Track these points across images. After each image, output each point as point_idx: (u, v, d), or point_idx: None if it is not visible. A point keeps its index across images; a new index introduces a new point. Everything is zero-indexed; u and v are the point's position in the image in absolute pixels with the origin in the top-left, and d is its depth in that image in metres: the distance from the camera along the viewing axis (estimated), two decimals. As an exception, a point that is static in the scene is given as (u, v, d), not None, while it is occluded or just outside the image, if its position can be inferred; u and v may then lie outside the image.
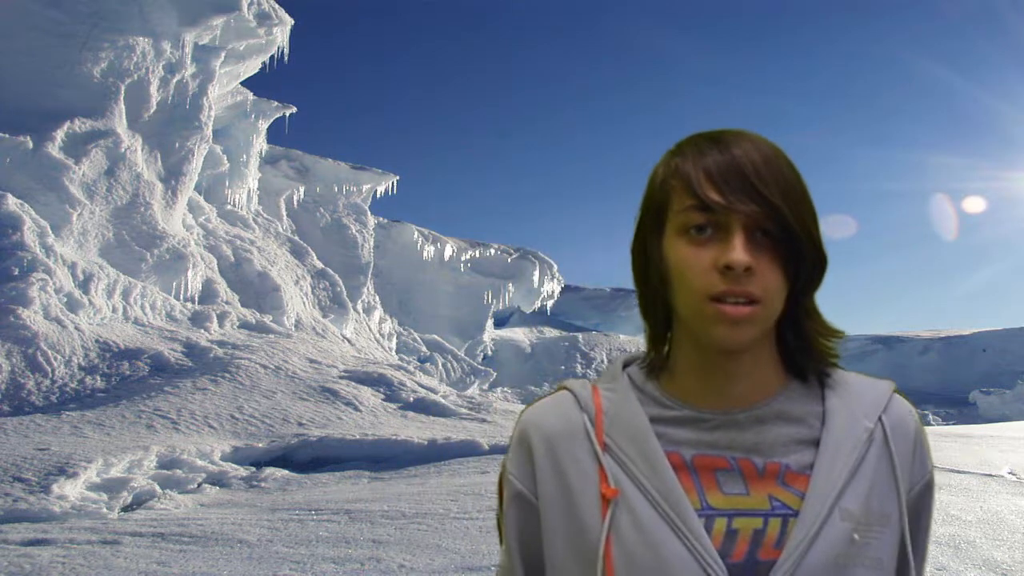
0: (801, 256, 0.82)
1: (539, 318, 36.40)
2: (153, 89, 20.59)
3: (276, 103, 27.32)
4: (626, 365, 0.93)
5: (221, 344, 16.87)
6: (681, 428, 0.86)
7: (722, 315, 0.79)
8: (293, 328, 21.70)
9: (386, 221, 35.41)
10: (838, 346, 0.91)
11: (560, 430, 0.89)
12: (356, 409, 14.66)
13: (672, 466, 0.84)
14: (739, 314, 0.79)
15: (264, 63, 24.96)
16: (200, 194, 24.06)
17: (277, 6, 23.86)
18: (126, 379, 14.38)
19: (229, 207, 25.70)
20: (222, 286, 21.01)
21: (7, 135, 17.36)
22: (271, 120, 27.42)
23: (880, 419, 0.87)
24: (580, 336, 30.50)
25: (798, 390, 0.89)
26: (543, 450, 0.89)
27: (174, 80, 21.17)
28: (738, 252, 0.78)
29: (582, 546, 0.84)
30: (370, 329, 28.44)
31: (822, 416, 0.86)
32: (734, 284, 0.79)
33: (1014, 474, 10.76)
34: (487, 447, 11.48)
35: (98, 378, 14.20)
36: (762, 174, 0.81)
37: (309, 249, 27.34)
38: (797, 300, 0.85)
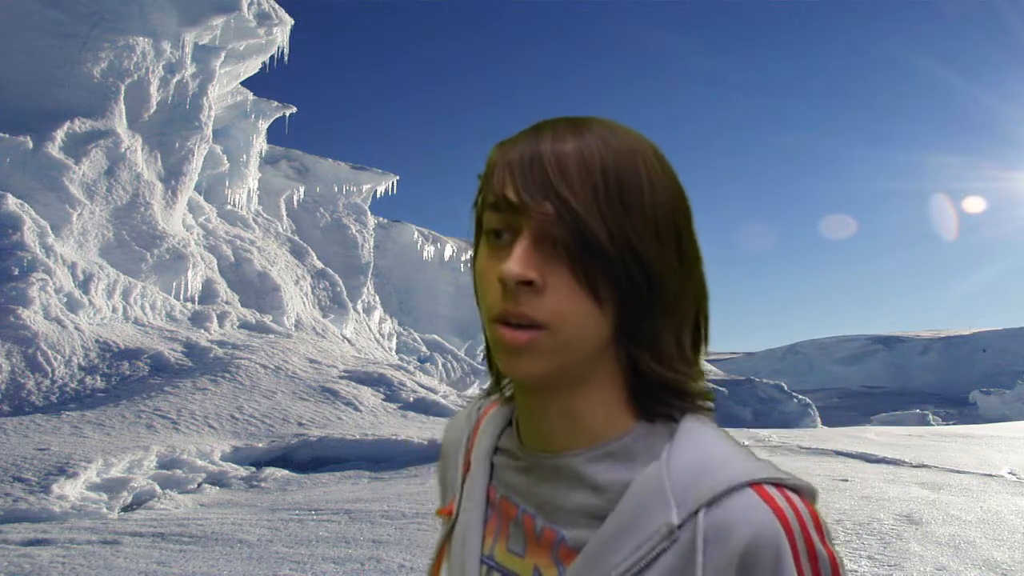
0: (619, 276, 0.64)
1: (539, 318, 36.36)
2: (153, 89, 20.58)
3: (276, 103, 27.33)
4: None
5: (221, 344, 16.86)
6: (506, 462, 0.75)
7: (501, 340, 0.65)
8: (293, 328, 21.70)
9: (386, 221, 35.41)
10: (701, 385, 0.72)
11: (450, 442, 0.85)
12: (356, 409, 14.65)
13: (489, 502, 0.75)
14: (515, 341, 0.64)
15: (264, 63, 24.96)
16: (200, 194, 24.06)
17: (277, 6, 23.86)
18: (126, 379, 14.37)
19: (229, 207, 25.70)
20: (222, 286, 21.01)
21: (7, 135, 17.36)
22: (271, 120, 27.42)
23: (697, 516, 0.62)
24: (580, 336, 30.46)
25: (636, 443, 0.68)
26: (440, 459, 0.87)
27: (174, 80, 21.16)
28: (511, 262, 0.63)
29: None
30: (370, 329, 28.43)
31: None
32: (509, 303, 0.63)
33: (1014, 474, 10.76)
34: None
35: (98, 378, 14.19)
36: (567, 169, 0.63)
37: (309, 249, 27.33)
38: (627, 329, 0.67)
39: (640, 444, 0.67)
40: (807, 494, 0.64)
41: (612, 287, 0.64)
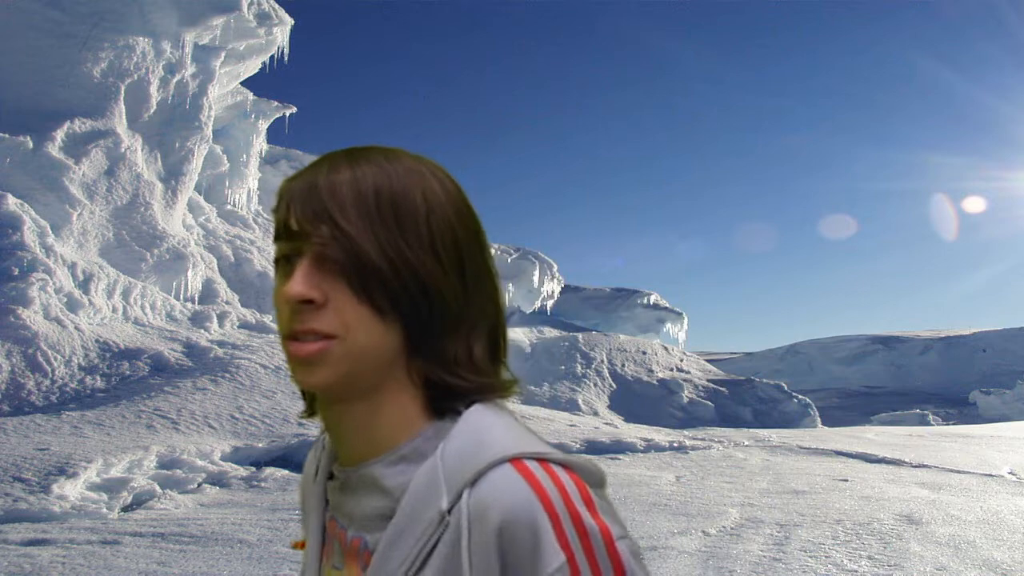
0: (397, 291, 0.68)
1: (539, 318, 36.39)
2: (153, 89, 20.58)
3: (276, 103, 27.33)
4: None
5: (221, 344, 16.86)
6: (332, 484, 0.78)
7: (291, 356, 0.69)
8: (293, 328, 21.67)
9: (386, 221, 35.31)
10: (495, 383, 0.73)
11: (305, 475, 0.86)
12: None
13: (324, 527, 0.79)
14: (306, 352, 0.67)
15: (264, 63, 24.95)
16: (200, 194, 24.06)
17: (277, 6, 23.85)
18: (126, 379, 14.37)
19: (229, 207, 25.70)
20: (222, 286, 21.01)
21: (7, 135, 17.35)
22: (271, 120, 27.42)
23: (461, 497, 0.63)
24: (580, 336, 30.45)
25: (426, 443, 0.70)
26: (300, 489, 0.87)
27: (174, 80, 21.16)
28: (292, 283, 0.67)
29: None
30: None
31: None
32: (296, 320, 0.68)
33: (1014, 474, 10.76)
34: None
35: (98, 378, 14.19)
36: (340, 195, 0.68)
37: (309, 249, 27.31)
38: (415, 342, 0.70)
39: (430, 443, 0.69)
40: (578, 469, 0.65)
41: (391, 301, 0.68)
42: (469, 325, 0.71)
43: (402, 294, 0.68)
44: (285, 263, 0.70)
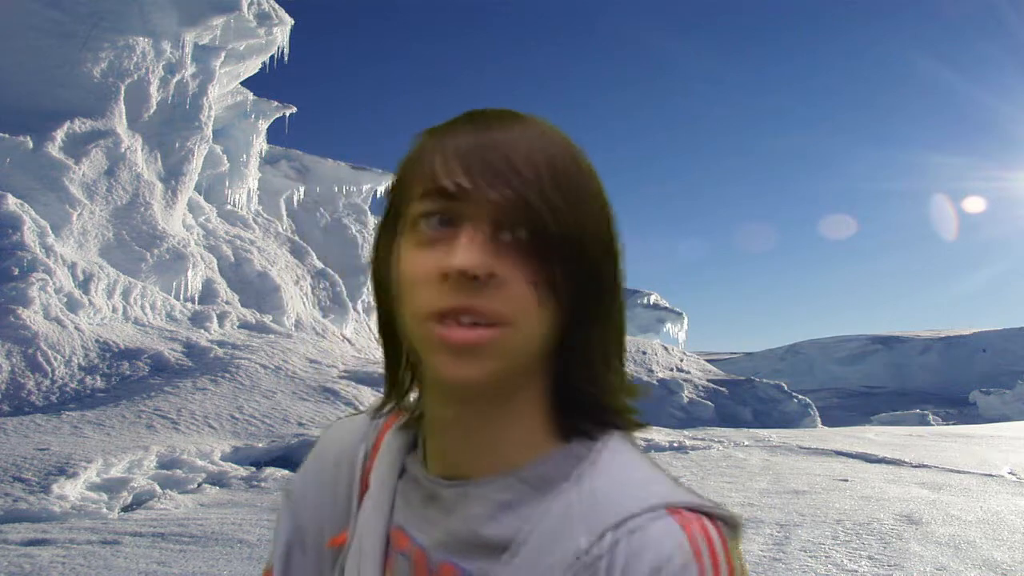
0: (568, 273, 0.59)
1: (539, 318, 36.44)
2: (153, 89, 20.58)
3: (276, 103, 27.33)
4: None
5: (221, 344, 16.86)
6: (409, 487, 0.68)
7: (442, 341, 0.57)
8: (293, 328, 21.69)
9: (386, 221, 35.31)
10: (626, 402, 0.64)
11: (339, 453, 0.74)
12: (356, 409, 14.64)
13: (385, 534, 0.67)
14: (465, 339, 0.56)
15: (264, 63, 24.96)
16: (200, 194, 24.06)
17: (277, 6, 23.85)
18: (126, 379, 14.37)
19: (229, 207, 25.69)
20: (222, 286, 21.01)
21: (7, 135, 17.35)
22: (271, 120, 27.42)
23: (603, 539, 0.56)
24: (580, 336, 30.46)
25: (552, 468, 0.62)
26: (314, 469, 0.75)
27: (174, 80, 21.16)
28: (468, 253, 0.56)
29: None
30: (370, 329, 28.43)
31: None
32: (460, 298, 0.56)
33: (1014, 474, 10.76)
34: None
35: (98, 378, 14.19)
36: (526, 157, 0.58)
37: (309, 249, 27.33)
38: (571, 334, 0.61)
39: (556, 469, 0.61)
40: (720, 519, 0.59)
41: (560, 286, 0.59)
42: (613, 322, 0.63)
43: (575, 277, 0.59)
44: (427, 224, 0.59)
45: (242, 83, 25.96)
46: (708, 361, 35.91)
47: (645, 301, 39.78)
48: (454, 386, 0.59)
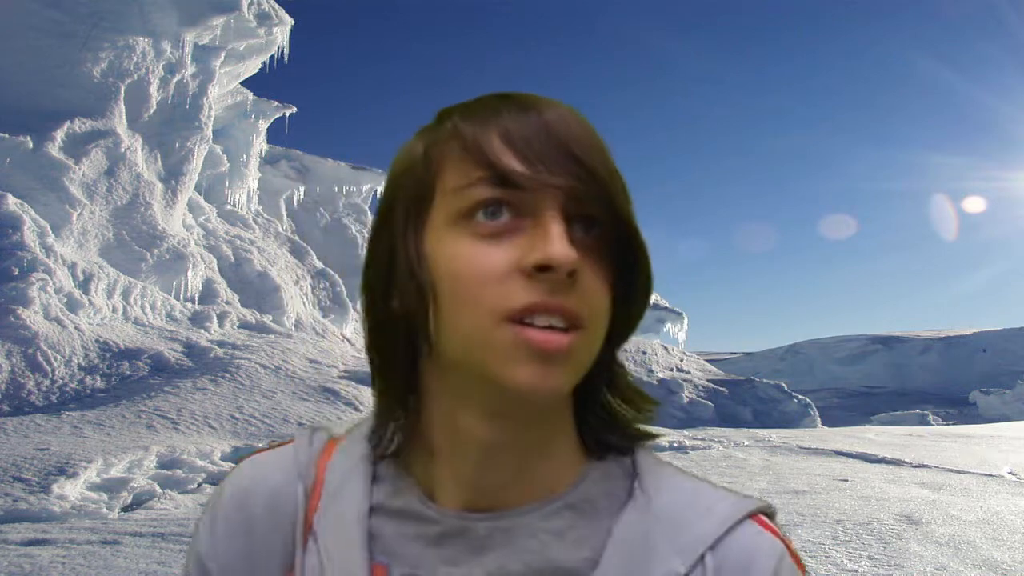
0: (630, 266, 0.54)
1: (539, 318, 36.44)
2: (153, 89, 20.59)
3: (276, 103, 27.33)
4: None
5: (221, 344, 16.86)
6: (404, 526, 0.56)
7: (529, 344, 0.49)
8: (293, 328, 21.69)
9: (386, 221, 35.32)
10: (646, 419, 0.61)
11: (268, 496, 0.60)
12: (356, 409, 14.65)
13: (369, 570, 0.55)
14: (558, 344, 0.49)
15: (264, 63, 24.96)
16: (200, 194, 24.06)
17: (277, 6, 23.85)
18: (126, 379, 14.37)
19: (229, 207, 25.70)
20: (222, 286, 21.01)
21: (7, 135, 17.35)
22: (271, 120, 27.43)
23: (704, 560, 0.54)
24: (580, 336, 30.49)
25: (593, 488, 0.57)
26: (237, 519, 0.60)
27: (174, 80, 21.16)
28: (559, 243, 0.49)
29: None
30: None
31: (607, 538, 0.55)
32: (548, 295, 0.49)
33: (1014, 474, 10.76)
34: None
35: (98, 378, 14.19)
36: (584, 142, 0.52)
37: (309, 249, 27.34)
38: (618, 336, 0.56)
39: (598, 489, 0.57)
40: (771, 513, 0.59)
41: (627, 281, 0.55)
42: (633, 331, 0.58)
43: (637, 274, 0.55)
44: (486, 215, 0.51)
45: (242, 83, 25.97)
46: (708, 361, 35.90)
47: (645, 301, 39.81)
48: (531, 398, 0.50)
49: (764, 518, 0.57)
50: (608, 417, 0.59)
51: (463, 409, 0.54)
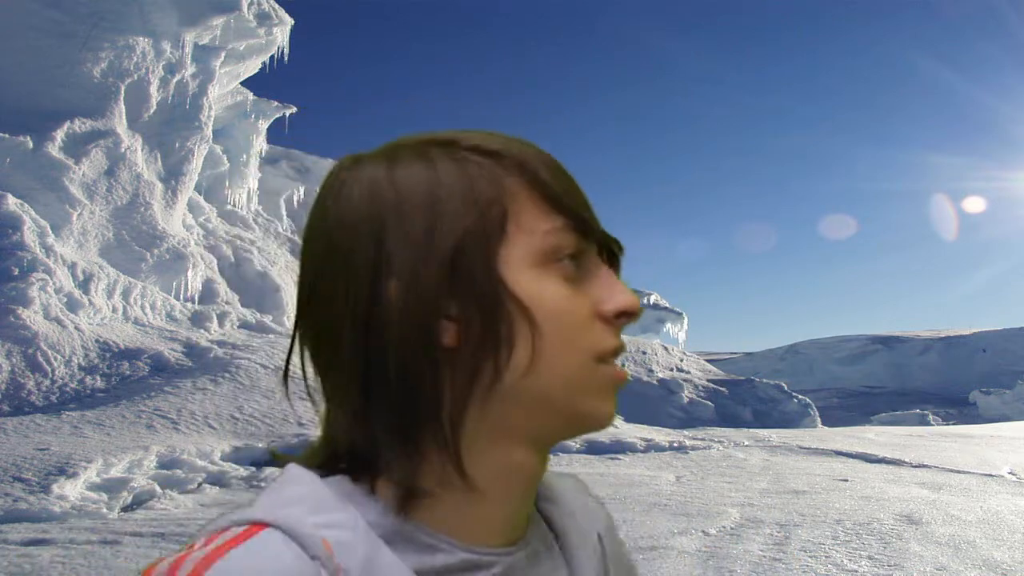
0: None
1: (539, 318, 36.49)
2: (153, 89, 20.59)
3: (276, 103, 27.34)
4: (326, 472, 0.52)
5: (221, 344, 16.86)
6: None
7: (618, 381, 0.55)
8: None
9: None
10: None
11: None
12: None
13: None
14: (626, 378, 0.56)
15: (264, 63, 24.96)
16: (200, 194, 24.06)
17: (277, 6, 23.85)
18: (126, 379, 14.37)
19: (229, 207, 25.70)
20: (222, 286, 21.01)
21: (7, 135, 17.36)
22: (271, 120, 27.43)
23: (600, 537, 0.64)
24: (580, 336, 30.48)
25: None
26: None
27: (174, 80, 21.16)
28: (628, 294, 0.55)
29: None
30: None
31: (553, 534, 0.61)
32: (619, 339, 0.55)
33: (1014, 474, 10.76)
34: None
35: (98, 378, 14.19)
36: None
37: (309, 249, 27.33)
38: None
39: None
40: None
41: None
42: None
43: None
44: (568, 263, 0.53)
45: (242, 83, 25.97)
46: (708, 361, 35.90)
47: (645, 301, 39.77)
48: (603, 427, 0.55)
49: None
50: None
51: (517, 445, 0.53)
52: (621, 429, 16.84)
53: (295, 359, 0.55)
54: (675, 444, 13.74)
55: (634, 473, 10.62)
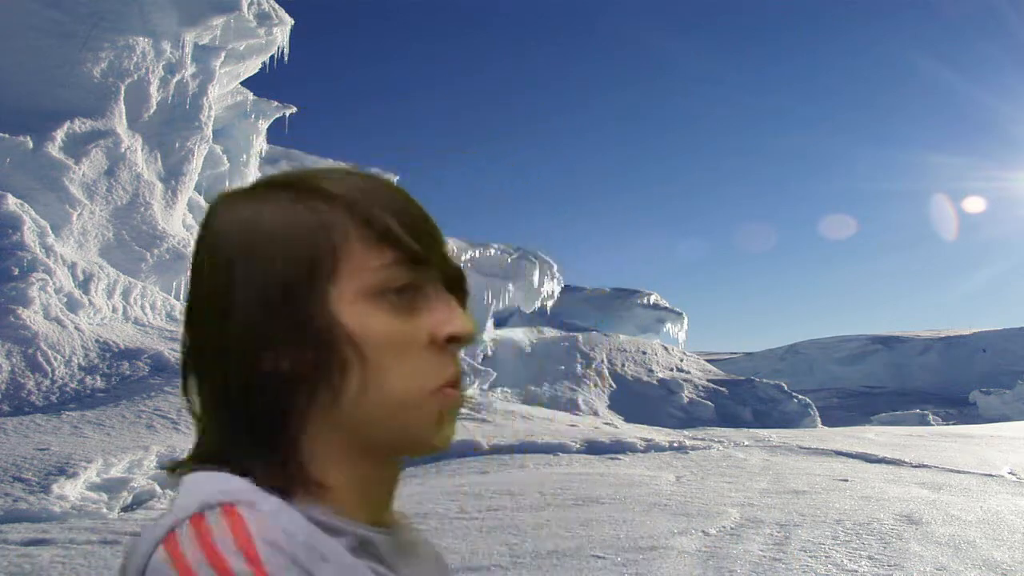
0: None
1: (539, 318, 36.47)
2: (153, 89, 20.58)
3: (276, 103, 27.33)
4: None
5: (221, 344, 16.87)
6: (364, 558, 0.56)
7: (453, 407, 0.59)
8: (293, 328, 21.70)
9: (386, 221, 35.33)
10: None
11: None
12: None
13: None
14: (461, 402, 0.60)
15: (264, 63, 24.95)
16: (200, 194, 24.06)
17: (277, 6, 23.85)
18: (126, 379, 14.38)
19: (229, 207, 25.69)
20: (222, 286, 21.00)
21: (7, 135, 17.35)
22: (271, 120, 27.43)
23: None
24: (580, 336, 30.47)
25: None
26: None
27: (174, 80, 21.16)
28: (465, 320, 0.59)
29: None
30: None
31: None
32: (457, 363, 0.59)
33: (1014, 474, 10.76)
34: (487, 447, 11.48)
35: (98, 378, 14.19)
36: (430, 217, 0.63)
37: (309, 249, 27.35)
38: None
39: None
40: None
41: None
42: None
43: None
44: (398, 296, 0.58)
45: (242, 83, 25.96)
46: (708, 361, 35.91)
47: (645, 301, 39.76)
48: (439, 450, 0.59)
49: None
50: None
51: (363, 459, 0.59)
52: (621, 429, 16.85)
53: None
54: (675, 444, 13.75)
55: (634, 473, 10.62)
